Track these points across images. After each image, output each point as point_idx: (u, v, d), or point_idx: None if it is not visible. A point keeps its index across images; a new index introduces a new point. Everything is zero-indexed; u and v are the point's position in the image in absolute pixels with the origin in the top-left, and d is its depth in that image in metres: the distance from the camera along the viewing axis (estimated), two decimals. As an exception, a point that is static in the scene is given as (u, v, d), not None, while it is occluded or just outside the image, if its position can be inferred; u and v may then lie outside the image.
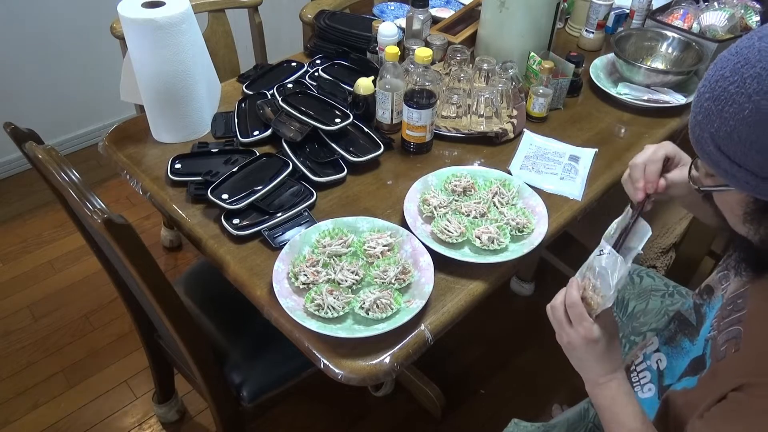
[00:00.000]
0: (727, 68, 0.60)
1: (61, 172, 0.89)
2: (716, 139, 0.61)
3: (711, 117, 0.61)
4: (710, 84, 0.61)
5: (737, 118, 0.58)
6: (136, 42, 1.16)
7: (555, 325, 0.83)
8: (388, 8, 1.83)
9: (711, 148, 0.62)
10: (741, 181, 0.61)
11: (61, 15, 2.21)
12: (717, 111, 0.60)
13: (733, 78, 0.58)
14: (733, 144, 0.60)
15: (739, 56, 0.59)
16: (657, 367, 0.91)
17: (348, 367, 0.88)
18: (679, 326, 0.90)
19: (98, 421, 1.63)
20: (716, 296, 0.84)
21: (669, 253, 1.67)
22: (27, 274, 2.02)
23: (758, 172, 0.59)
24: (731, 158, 0.61)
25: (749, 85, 0.57)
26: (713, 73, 0.62)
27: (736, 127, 0.59)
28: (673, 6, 1.69)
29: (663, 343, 0.93)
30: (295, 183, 1.16)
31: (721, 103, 0.60)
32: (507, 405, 1.71)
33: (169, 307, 0.98)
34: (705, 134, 0.63)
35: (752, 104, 0.57)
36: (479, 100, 1.34)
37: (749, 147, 0.58)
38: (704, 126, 0.62)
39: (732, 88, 0.59)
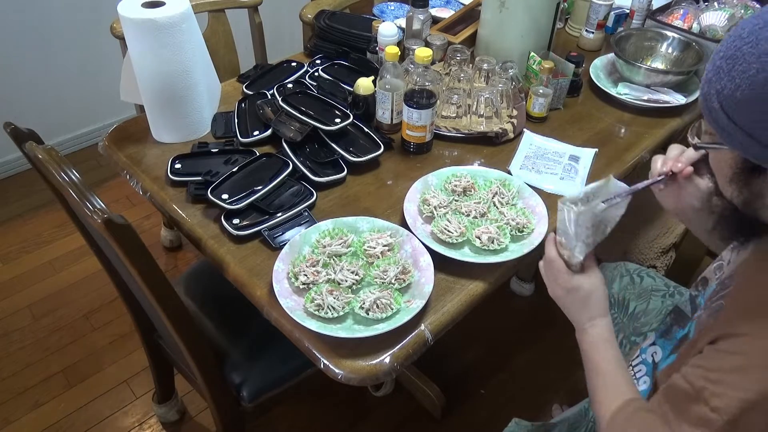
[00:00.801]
0: (746, 29, 0.61)
1: (61, 172, 0.89)
2: (720, 97, 0.63)
3: (720, 74, 0.63)
4: (727, 44, 0.63)
5: (743, 76, 0.60)
6: (136, 42, 1.16)
7: (545, 280, 0.91)
8: (388, 8, 1.83)
9: (715, 105, 0.64)
10: (735, 141, 0.63)
11: (61, 15, 2.21)
12: (727, 69, 0.62)
13: (749, 38, 0.60)
14: (734, 102, 0.62)
15: (759, 19, 0.61)
16: (652, 360, 0.92)
17: (348, 367, 0.88)
18: (675, 319, 0.92)
19: (98, 421, 1.63)
20: (710, 285, 0.86)
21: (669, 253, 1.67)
22: (27, 274, 2.02)
23: (751, 132, 0.61)
24: (729, 116, 0.63)
25: (762, 46, 0.59)
26: (732, 33, 0.63)
27: (740, 86, 0.60)
28: (673, 6, 1.69)
29: (659, 336, 0.94)
30: (295, 183, 1.16)
31: (732, 61, 0.61)
32: (507, 405, 1.71)
33: (169, 307, 0.98)
34: (712, 91, 0.64)
35: (759, 64, 0.59)
36: (479, 100, 1.34)
37: (747, 106, 0.61)
38: (713, 83, 0.64)
39: (746, 47, 0.60)
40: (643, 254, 1.76)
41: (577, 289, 0.86)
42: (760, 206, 0.67)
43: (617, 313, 1.24)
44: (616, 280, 1.27)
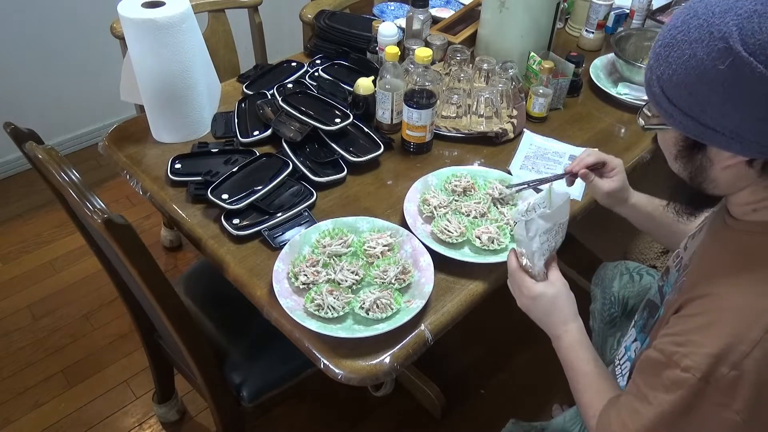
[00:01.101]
0: (679, 19, 0.66)
1: (61, 172, 0.89)
2: (661, 81, 0.68)
3: (660, 61, 0.67)
4: (664, 33, 0.68)
5: (678, 62, 0.65)
6: (136, 42, 1.16)
7: (512, 293, 0.93)
8: (388, 8, 1.83)
9: (656, 89, 0.69)
10: (676, 121, 0.68)
11: (61, 15, 2.21)
12: (665, 56, 0.67)
13: (682, 27, 0.65)
14: (672, 86, 0.66)
15: (689, 9, 0.65)
16: (636, 355, 0.93)
17: (348, 367, 0.88)
18: (650, 312, 0.94)
19: (98, 421, 1.63)
20: (672, 273, 0.89)
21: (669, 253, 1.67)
22: (27, 274, 2.02)
23: (688, 111, 0.66)
24: (670, 99, 0.67)
25: (692, 34, 0.64)
26: (669, 23, 0.68)
27: (676, 71, 0.65)
28: (673, 6, 1.69)
29: (639, 331, 0.95)
30: (295, 183, 1.16)
31: (668, 48, 0.66)
32: (507, 405, 1.71)
33: (169, 307, 0.98)
34: (653, 77, 0.69)
35: (691, 50, 0.63)
36: (479, 100, 1.34)
37: (683, 88, 0.65)
38: (654, 69, 0.69)
39: (679, 36, 0.65)
40: (643, 254, 1.76)
41: (541, 296, 0.87)
42: (703, 179, 0.72)
43: (617, 311, 1.24)
44: (616, 278, 1.28)
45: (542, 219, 0.85)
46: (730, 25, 0.60)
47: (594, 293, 1.32)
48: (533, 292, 0.87)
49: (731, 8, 0.61)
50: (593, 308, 1.31)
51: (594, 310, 1.31)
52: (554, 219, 0.86)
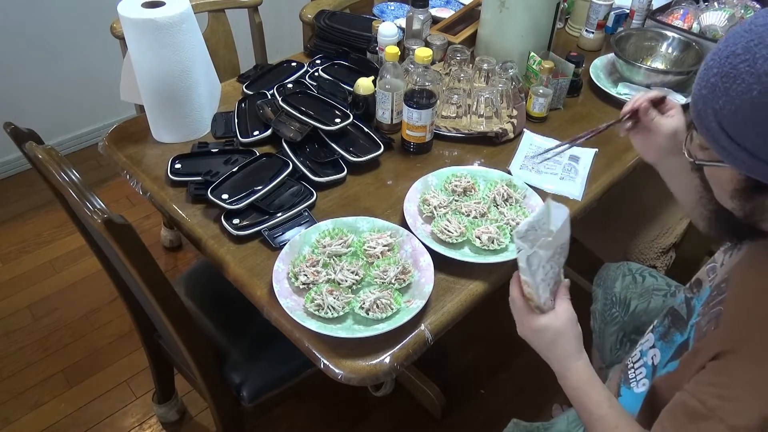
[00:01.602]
0: (739, 45, 0.59)
1: (61, 172, 0.89)
2: (719, 116, 0.61)
3: (717, 93, 0.61)
4: (720, 60, 0.60)
5: (744, 97, 0.58)
6: (136, 42, 1.16)
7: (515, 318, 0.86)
8: (388, 8, 1.83)
9: (713, 124, 0.62)
10: (737, 160, 0.61)
11: (61, 15, 2.21)
12: (724, 88, 0.60)
13: (745, 56, 0.57)
14: (735, 123, 0.59)
15: (752, 33, 0.58)
16: (652, 362, 0.92)
17: (348, 367, 0.88)
18: (672, 321, 0.91)
19: (98, 421, 1.63)
20: (704, 288, 0.85)
21: (669, 253, 1.67)
22: (27, 274, 2.02)
23: (755, 152, 0.59)
24: (731, 136, 0.60)
25: (760, 66, 0.56)
26: (723, 48, 0.61)
27: (741, 106, 0.58)
28: (673, 6, 1.69)
29: (658, 338, 0.93)
30: (295, 183, 1.16)
31: (729, 80, 0.59)
32: (507, 405, 1.71)
33: (169, 307, 0.98)
34: (708, 109, 0.62)
35: (761, 85, 0.56)
36: (479, 100, 1.34)
37: (751, 128, 0.58)
38: (708, 101, 0.62)
39: (742, 66, 0.58)
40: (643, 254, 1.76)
41: (544, 330, 0.81)
42: (761, 218, 0.66)
43: (618, 311, 1.23)
44: (618, 279, 1.27)
45: (543, 249, 0.79)
46: None
47: (595, 293, 1.32)
48: (535, 325, 0.81)
49: None
50: (594, 308, 1.31)
51: (595, 310, 1.30)
52: (556, 243, 0.80)
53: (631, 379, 0.95)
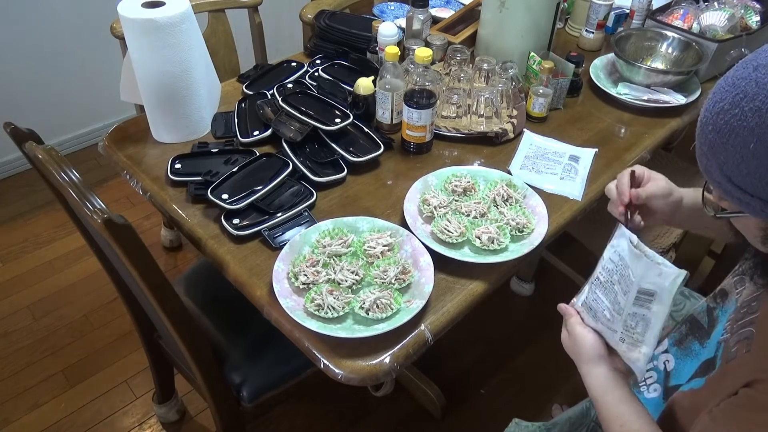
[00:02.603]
0: (726, 101, 0.59)
1: (61, 172, 0.89)
2: (725, 171, 0.61)
3: (716, 149, 0.61)
4: (711, 116, 0.61)
5: (743, 152, 0.58)
6: (136, 42, 1.16)
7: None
8: (388, 8, 1.83)
9: (721, 179, 0.62)
10: (756, 209, 0.61)
11: (61, 15, 2.21)
12: (722, 143, 0.60)
13: (734, 111, 0.58)
14: (742, 176, 0.60)
15: (736, 88, 0.59)
16: (664, 368, 0.91)
17: (348, 367, 0.88)
18: (690, 329, 0.90)
19: (98, 421, 1.63)
20: (730, 300, 0.84)
21: (669, 253, 1.67)
22: (27, 274, 2.02)
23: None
24: (742, 188, 0.61)
25: (750, 119, 0.57)
26: (713, 105, 0.62)
27: (743, 160, 0.59)
28: (673, 6, 1.69)
29: (672, 344, 0.92)
30: (295, 183, 1.16)
31: (724, 136, 0.60)
32: (507, 405, 1.71)
33: (169, 307, 0.98)
34: (713, 165, 0.63)
35: (756, 138, 0.57)
36: (479, 100, 1.34)
37: (759, 178, 0.59)
38: (710, 157, 0.63)
39: (734, 121, 0.58)
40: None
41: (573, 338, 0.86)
42: None
43: None
44: None
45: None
46: None
47: None
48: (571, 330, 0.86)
49: None
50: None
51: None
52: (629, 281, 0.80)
53: (641, 383, 0.94)
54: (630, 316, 0.80)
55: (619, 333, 0.81)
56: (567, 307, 0.90)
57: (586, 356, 0.83)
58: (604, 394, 0.80)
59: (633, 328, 0.80)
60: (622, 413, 0.77)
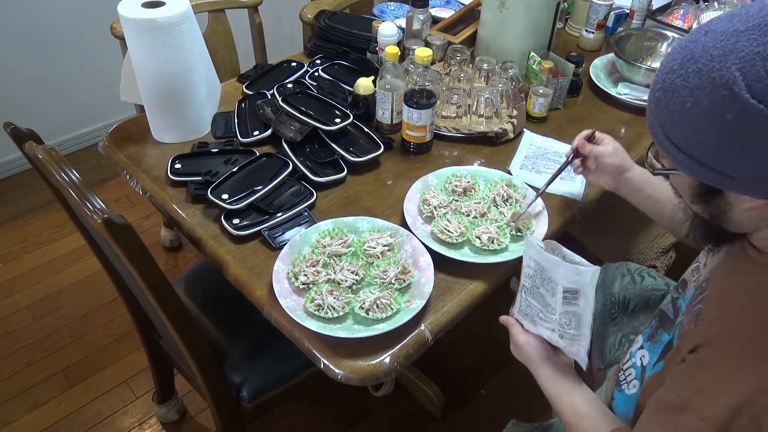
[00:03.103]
0: (676, 61, 0.62)
1: (61, 172, 0.89)
2: (665, 128, 0.65)
3: (660, 107, 0.64)
4: (662, 75, 0.64)
5: (681, 110, 0.61)
6: (136, 42, 1.16)
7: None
8: (388, 8, 1.83)
9: (661, 137, 0.66)
10: (688, 167, 0.65)
11: (61, 15, 2.21)
12: (665, 102, 0.63)
13: (680, 71, 0.61)
14: (678, 134, 0.63)
15: (686, 50, 0.62)
16: (641, 363, 0.93)
17: (348, 367, 0.88)
18: (660, 322, 0.92)
19: (98, 421, 1.63)
20: (689, 288, 0.87)
21: (669, 253, 1.67)
22: (27, 274, 2.02)
23: (699, 159, 0.62)
24: (677, 146, 0.64)
25: (692, 80, 0.60)
26: (665, 65, 0.64)
27: (680, 119, 0.62)
28: (673, 6, 1.69)
29: (646, 339, 0.94)
30: (295, 183, 1.16)
31: (668, 94, 0.63)
32: (507, 405, 1.71)
33: (169, 307, 0.98)
34: (656, 123, 0.66)
35: (693, 98, 0.60)
36: (479, 100, 1.34)
37: (691, 137, 0.62)
38: (655, 115, 0.66)
39: (678, 81, 0.61)
40: (643, 254, 1.76)
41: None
42: (723, 221, 0.69)
43: (617, 312, 1.23)
44: (617, 279, 1.27)
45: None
46: (733, 70, 0.56)
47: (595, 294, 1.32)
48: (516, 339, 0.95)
49: (731, 51, 0.57)
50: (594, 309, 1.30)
51: (594, 310, 1.30)
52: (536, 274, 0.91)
53: (622, 382, 0.96)
54: (562, 314, 0.88)
55: (558, 331, 0.89)
56: (508, 318, 0.98)
57: (533, 360, 0.93)
58: (554, 389, 0.89)
59: (567, 324, 0.88)
60: (572, 401, 0.86)
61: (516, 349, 0.96)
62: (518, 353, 0.96)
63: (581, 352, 0.87)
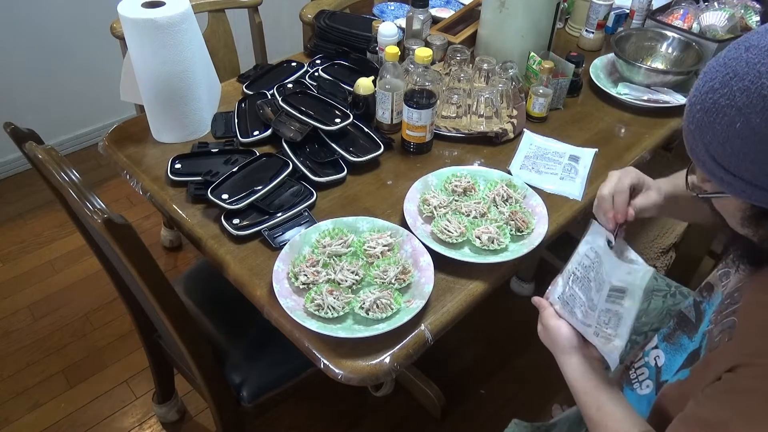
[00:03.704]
0: (716, 80, 0.60)
1: (61, 172, 0.89)
2: (710, 150, 0.62)
3: (703, 128, 0.62)
4: (701, 95, 0.62)
5: (729, 131, 0.59)
6: (136, 42, 1.16)
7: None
8: (388, 8, 1.83)
9: (706, 158, 0.64)
10: (737, 189, 0.62)
11: (62, 15, 2.21)
12: (709, 123, 0.61)
13: (723, 90, 0.59)
14: (726, 155, 0.61)
15: (727, 68, 0.60)
16: (655, 364, 0.92)
17: (348, 367, 0.88)
18: (678, 324, 0.91)
19: (98, 421, 1.63)
20: (716, 293, 0.85)
21: (669, 253, 1.67)
22: (27, 274, 2.02)
23: (752, 181, 0.60)
24: (725, 168, 0.62)
25: (738, 99, 0.58)
26: (703, 84, 0.62)
27: (728, 139, 0.60)
28: (673, 6, 1.69)
29: (661, 340, 0.93)
30: (295, 183, 1.16)
31: (712, 115, 0.60)
32: (507, 405, 1.71)
33: (169, 307, 0.98)
34: (699, 144, 0.64)
35: (743, 117, 0.58)
36: (479, 100, 1.34)
37: (742, 158, 0.60)
38: (697, 136, 0.63)
39: (722, 101, 0.59)
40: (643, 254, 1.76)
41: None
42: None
43: None
44: None
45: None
46: None
47: None
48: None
49: None
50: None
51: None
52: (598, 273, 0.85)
53: (633, 380, 0.95)
54: (603, 312, 0.84)
55: (593, 327, 0.85)
56: (541, 300, 0.94)
57: (561, 347, 0.88)
58: (580, 382, 0.85)
59: (606, 323, 0.84)
60: (598, 398, 0.82)
61: (545, 332, 0.92)
62: (546, 337, 0.91)
63: (614, 353, 0.83)
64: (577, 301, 0.88)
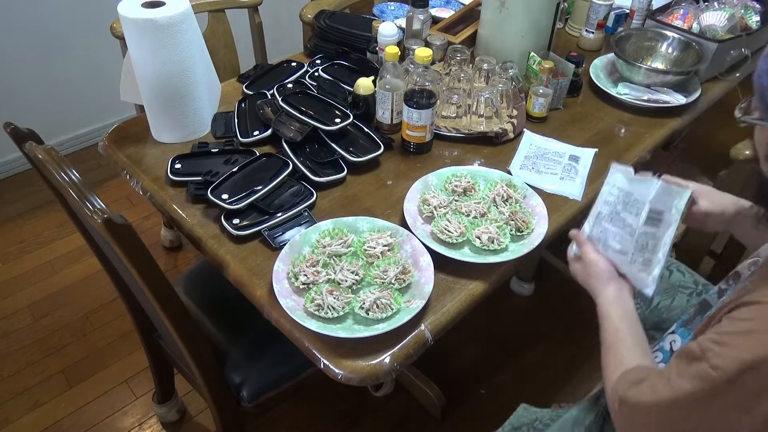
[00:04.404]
0: None
1: (61, 172, 0.89)
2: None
3: None
4: None
5: None
6: (136, 42, 1.16)
7: None
8: (388, 8, 1.83)
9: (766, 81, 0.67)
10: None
11: (61, 15, 2.21)
12: None
13: None
14: None
15: None
16: (670, 348, 0.93)
17: (348, 367, 0.88)
18: (700, 309, 0.93)
19: (98, 421, 1.63)
20: (742, 279, 0.88)
21: (669, 253, 1.67)
22: (27, 274, 2.02)
23: None
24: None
25: None
26: None
27: None
28: (673, 6, 1.69)
29: (680, 326, 0.94)
30: (295, 183, 1.16)
31: None
32: (507, 405, 1.71)
33: (169, 307, 0.98)
34: (765, 68, 0.67)
35: None
36: (479, 100, 1.34)
37: None
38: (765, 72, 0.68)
39: None
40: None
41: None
42: None
43: (640, 304, 1.20)
44: None
45: None
46: None
47: None
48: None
49: None
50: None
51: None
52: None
53: None
54: (641, 235, 0.89)
55: (630, 254, 0.90)
56: (579, 234, 0.98)
57: (598, 278, 0.92)
58: (606, 308, 0.89)
59: (644, 246, 0.89)
60: (620, 326, 0.87)
61: (581, 266, 0.95)
62: (582, 270, 0.95)
63: (647, 279, 0.88)
64: (609, 234, 0.93)
